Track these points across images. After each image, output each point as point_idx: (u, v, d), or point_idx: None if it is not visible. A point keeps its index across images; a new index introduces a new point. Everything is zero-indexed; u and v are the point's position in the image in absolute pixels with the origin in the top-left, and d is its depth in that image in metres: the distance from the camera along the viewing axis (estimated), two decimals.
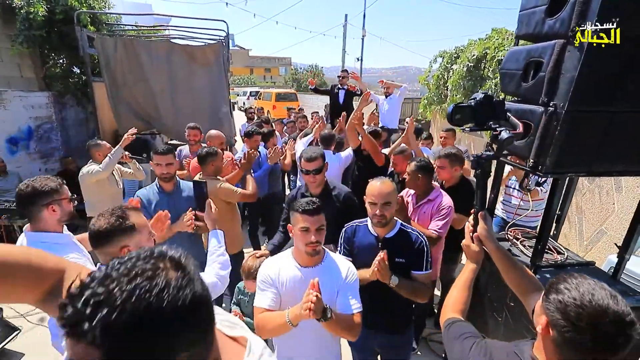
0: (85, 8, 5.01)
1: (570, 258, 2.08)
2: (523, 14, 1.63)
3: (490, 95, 1.42)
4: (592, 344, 0.78)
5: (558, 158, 1.48)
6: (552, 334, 0.85)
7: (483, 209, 1.44)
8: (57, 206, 1.61)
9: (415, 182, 2.37)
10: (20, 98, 4.96)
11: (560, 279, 0.89)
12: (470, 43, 6.35)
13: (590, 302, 0.79)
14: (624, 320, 0.77)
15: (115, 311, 0.42)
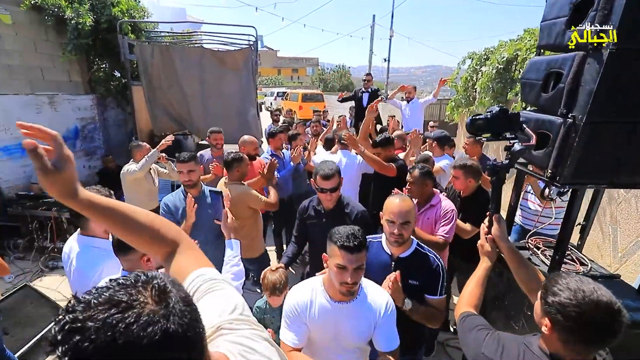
0: (127, 17, 5.38)
1: (594, 270, 2.03)
2: (545, 24, 1.64)
3: (505, 109, 1.47)
4: (593, 334, 0.91)
5: (576, 169, 1.48)
6: (556, 332, 0.96)
7: (498, 212, 1.54)
8: None
9: (422, 188, 2.35)
10: (69, 101, 5.42)
11: (552, 282, 1.01)
12: (500, 44, 6.17)
13: (584, 299, 0.91)
14: (614, 309, 0.90)
15: (85, 340, 0.45)
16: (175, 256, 0.87)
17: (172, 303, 0.52)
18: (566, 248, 1.74)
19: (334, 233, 1.39)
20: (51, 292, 3.57)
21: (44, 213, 4.11)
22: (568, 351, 0.96)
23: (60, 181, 0.73)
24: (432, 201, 2.38)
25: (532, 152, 1.70)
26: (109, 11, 5.11)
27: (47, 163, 0.71)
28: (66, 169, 0.74)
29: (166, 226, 0.91)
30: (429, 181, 2.36)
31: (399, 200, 1.69)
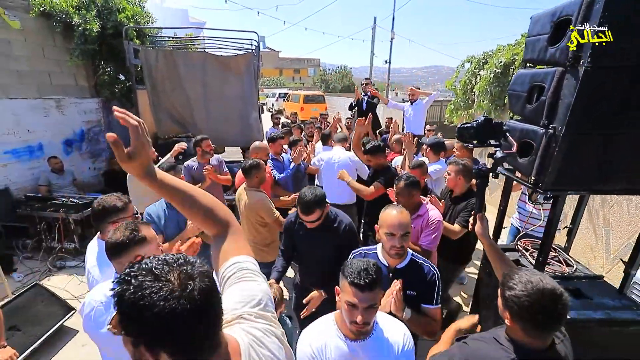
0: (132, 23, 5.51)
1: (579, 271, 2.13)
2: (529, 39, 1.74)
3: (490, 118, 1.64)
4: (543, 317, 1.04)
5: (557, 177, 1.58)
6: (516, 322, 1.09)
7: (480, 212, 1.80)
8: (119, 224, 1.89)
9: (408, 199, 2.32)
10: (75, 104, 5.56)
11: (506, 278, 1.15)
12: (498, 49, 6.27)
13: (532, 289, 1.05)
14: (557, 294, 1.04)
15: (125, 291, 0.62)
16: (222, 239, 0.97)
17: (189, 289, 0.64)
18: (549, 251, 1.84)
19: (347, 267, 1.32)
20: (59, 291, 3.69)
21: (52, 214, 4.23)
22: (528, 338, 1.08)
23: (136, 166, 0.86)
24: (420, 211, 2.35)
25: (518, 160, 1.81)
26: (115, 17, 5.24)
27: (123, 153, 0.83)
28: (140, 157, 0.85)
29: (219, 208, 1.00)
30: (414, 192, 2.33)
31: (397, 212, 1.67)
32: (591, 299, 1.82)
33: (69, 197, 4.51)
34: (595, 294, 1.85)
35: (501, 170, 2.11)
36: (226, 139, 5.83)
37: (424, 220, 2.31)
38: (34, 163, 5.03)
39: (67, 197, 4.52)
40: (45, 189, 4.86)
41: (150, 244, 1.47)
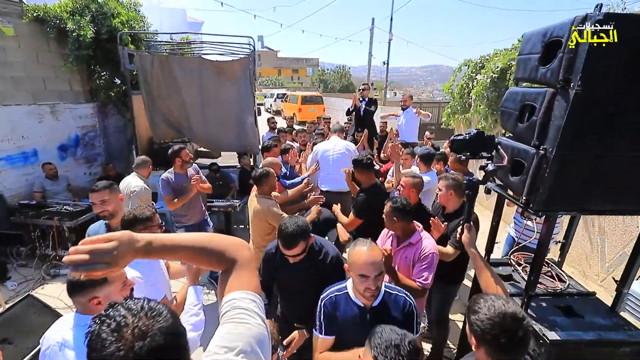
0: (127, 29, 5.48)
1: (571, 287, 2.12)
2: (521, 57, 1.73)
3: (482, 131, 1.70)
4: (505, 341, 1.04)
5: (548, 197, 1.57)
6: (481, 346, 1.10)
7: (469, 222, 1.83)
8: (149, 231, 1.89)
9: (392, 224, 2.19)
10: (70, 110, 5.53)
11: (472, 302, 1.18)
12: (495, 53, 6.25)
13: (494, 313, 1.07)
14: (518, 317, 1.06)
15: (94, 331, 0.67)
16: (228, 274, 0.94)
17: (138, 347, 0.64)
18: (540, 270, 1.83)
19: (375, 335, 1.17)
20: (53, 300, 3.67)
21: (46, 222, 4.21)
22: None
23: (125, 263, 0.79)
24: (412, 238, 2.16)
25: (510, 178, 1.80)
26: (110, 22, 5.21)
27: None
28: (120, 264, 0.78)
29: (225, 247, 0.96)
30: (396, 217, 2.14)
31: (367, 250, 1.51)
32: (583, 317, 1.81)
33: (63, 205, 4.49)
34: (587, 312, 1.84)
35: (493, 187, 2.10)
36: (222, 143, 5.82)
37: (417, 251, 2.11)
38: (29, 169, 5.01)
39: (62, 205, 4.50)
40: (39, 196, 4.84)
41: (111, 285, 1.34)
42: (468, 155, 1.77)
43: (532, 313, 1.85)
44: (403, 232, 2.20)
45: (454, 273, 2.59)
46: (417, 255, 2.11)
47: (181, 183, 3.55)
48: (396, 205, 2.15)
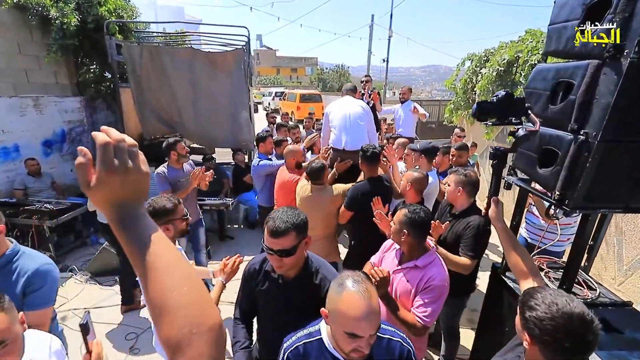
0: (115, 17, 5.19)
1: (603, 295, 1.87)
2: (553, 28, 1.47)
3: (511, 93, 1.49)
4: (570, 345, 0.93)
5: (588, 192, 1.31)
6: (536, 345, 0.99)
7: (496, 195, 1.65)
8: (171, 225, 1.83)
9: (399, 237, 1.72)
10: (55, 103, 5.24)
11: (527, 297, 1.05)
12: (501, 46, 6.01)
13: (558, 312, 0.94)
14: (587, 319, 0.93)
15: None
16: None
17: None
18: (575, 276, 1.57)
19: None
20: None
21: (25, 221, 3.94)
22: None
23: (97, 200, 0.56)
24: (420, 261, 1.69)
25: (538, 170, 1.54)
26: (96, 10, 4.92)
27: (84, 176, 0.54)
28: (101, 190, 0.54)
29: (182, 317, 0.50)
30: (407, 231, 1.69)
31: (362, 297, 1.04)
32: (622, 333, 1.55)
33: (44, 203, 4.21)
34: (627, 327, 1.58)
35: (515, 180, 1.84)
36: (216, 139, 5.56)
37: (422, 278, 1.64)
38: (10, 165, 4.72)
39: (42, 203, 4.22)
40: (20, 193, 4.57)
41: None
42: (495, 121, 1.56)
43: None
44: (410, 250, 1.74)
45: (464, 284, 2.27)
46: (422, 283, 1.63)
47: (178, 178, 3.24)
48: (413, 215, 1.68)
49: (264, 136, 3.90)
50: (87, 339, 1.19)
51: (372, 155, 2.68)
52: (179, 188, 3.17)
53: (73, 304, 3.49)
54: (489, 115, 1.56)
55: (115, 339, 3.04)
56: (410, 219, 1.67)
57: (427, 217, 1.70)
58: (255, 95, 24.50)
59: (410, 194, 2.43)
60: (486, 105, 1.54)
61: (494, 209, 1.62)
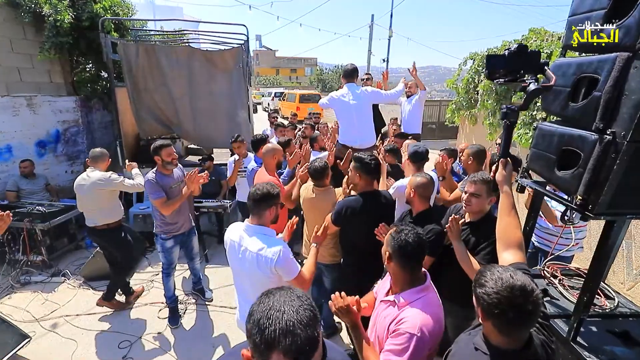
0: (110, 15, 5.08)
1: (622, 305, 1.76)
2: (574, 19, 1.36)
3: (525, 45, 1.34)
4: (513, 314, 0.98)
5: (614, 197, 1.21)
6: (487, 319, 1.05)
7: (505, 157, 1.52)
8: (274, 208, 1.88)
9: (386, 262, 1.46)
10: (49, 103, 5.12)
11: (479, 275, 1.10)
12: (504, 44, 5.91)
13: (502, 286, 1.00)
14: (527, 290, 0.98)
15: None
16: None
17: None
18: (597, 287, 1.46)
19: None
20: (19, 312, 3.29)
21: (16, 224, 3.81)
22: (500, 336, 1.04)
23: None
24: (402, 295, 1.39)
25: (556, 172, 1.43)
26: (91, 8, 4.80)
27: None
28: None
29: None
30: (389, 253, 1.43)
31: None
32: None
33: (36, 205, 4.09)
34: None
35: (529, 183, 1.74)
36: (214, 140, 5.44)
37: (395, 318, 1.36)
38: (2, 167, 4.61)
39: (35, 205, 4.10)
40: (13, 195, 4.45)
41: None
42: (506, 78, 1.39)
43: (581, 341, 1.49)
44: (395, 280, 1.45)
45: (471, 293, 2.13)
46: (393, 324, 1.35)
47: (169, 184, 2.99)
48: (398, 237, 1.40)
49: (263, 139, 3.71)
50: None
51: (374, 166, 2.35)
52: (171, 194, 2.97)
53: (65, 310, 3.37)
54: (498, 71, 1.40)
55: (108, 347, 2.92)
56: (396, 243, 1.39)
57: (416, 241, 1.39)
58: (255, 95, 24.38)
59: (416, 202, 2.24)
60: (496, 59, 1.37)
61: (501, 172, 1.50)
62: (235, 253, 1.84)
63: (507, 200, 1.44)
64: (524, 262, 1.30)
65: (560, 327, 1.58)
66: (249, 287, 1.85)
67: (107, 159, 3.22)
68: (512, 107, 1.43)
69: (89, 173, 3.08)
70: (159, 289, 3.62)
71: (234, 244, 1.84)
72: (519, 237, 1.36)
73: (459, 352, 1.18)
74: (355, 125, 3.74)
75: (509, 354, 1.04)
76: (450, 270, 1.96)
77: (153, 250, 4.51)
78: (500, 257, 1.37)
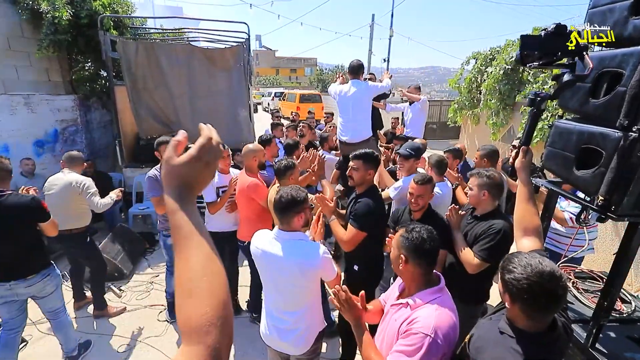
0: (109, 12, 5.02)
1: (639, 309, 1.70)
2: (595, 11, 1.30)
3: (564, 25, 1.21)
4: (544, 300, 1.02)
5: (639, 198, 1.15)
6: (515, 304, 1.06)
7: (527, 145, 1.46)
8: (304, 214, 1.78)
9: (397, 264, 1.38)
10: (47, 102, 5.04)
11: (506, 262, 1.11)
12: (508, 44, 5.86)
13: (532, 272, 1.02)
14: (556, 275, 1.01)
15: None
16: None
17: None
18: (618, 292, 1.40)
19: None
20: None
21: None
22: (527, 320, 1.07)
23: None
24: (413, 297, 1.33)
25: (574, 172, 1.37)
26: (90, 5, 4.74)
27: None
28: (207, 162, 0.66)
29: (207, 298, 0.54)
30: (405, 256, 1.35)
31: None
32: None
33: None
34: None
35: (543, 183, 1.68)
36: None
37: (406, 320, 1.28)
38: None
39: None
40: None
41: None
42: (541, 62, 1.29)
43: (600, 347, 1.43)
44: (410, 282, 1.38)
45: (477, 291, 2.09)
46: (405, 325, 1.28)
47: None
48: (411, 236, 1.34)
49: (269, 139, 3.59)
50: None
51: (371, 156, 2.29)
52: None
53: None
54: (533, 54, 1.27)
55: (107, 350, 2.86)
56: (411, 243, 1.33)
57: (430, 237, 1.34)
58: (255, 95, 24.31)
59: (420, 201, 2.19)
60: (532, 40, 1.25)
61: (520, 159, 1.46)
62: (268, 262, 1.73)
63: (525, 188, 1.42)
64: (542, 249, 1.30)
65: (577, 332, 1.52)
66: (287, 295, 1.74)
67: (82, 163, 3.18)
68: (541, 94, 1.35)
69: (66, 174, 3.00)
70: (159, 291, 3.56)
71: (266, 253, 1.73)
72: (537, 224, 1.35)
73: (483, 336, 1.17)
74: (350, 119, 3.81)
75: (535, 336, 1.06)
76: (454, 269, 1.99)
77: (153, 252, 4.45)
78: (518, 243, 1.36)
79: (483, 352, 1.12)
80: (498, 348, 1.08)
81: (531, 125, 1.43)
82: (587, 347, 1.42)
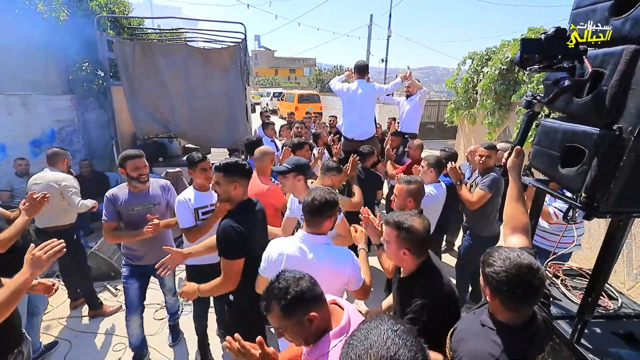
0: (106, 12, 5.03)
1: (625, 305, 1.72)
2: (579, 12, 1.33)
3: (564, 29, 1.24)
4: (521, 291, 1.05)
5: (621, 194, 1.17)
6: (495, 297, 1.11)
7: (520, 145, 1.49)
8: (334, 217, 1.74)
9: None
10: (44, 102, 5.06)
11: (487, 256, 1.15)
12: (503, 44, 5.89)
13: (510, 264, 1.06)
14: (533, 267, 1.05)
15: None
16: None
17: None
18: (602, 288, 1.43)
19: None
20: None
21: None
22: (507, 312, 1.11)
23: None
24: (312, 350, 1.08)
25: (559, 170, 1.40)
26: (86, 5, 4.76)
27: None
28: None
29: None
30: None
31: None
32: None
33: None
34: None
35: (531, 181, 1.70)
36: (211, 139, 5.39)
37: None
38: None
39: None
40: (6, 195, 4.38)
41: None
42: (541, 65, 1.30)
43: (585, 343, 1.45)
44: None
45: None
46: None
47: (132, 206, 2.38)
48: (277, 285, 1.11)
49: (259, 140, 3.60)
50: None
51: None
52: (129, 219, 2.35)
53: (58, 311, 3.32)
54: (533, 58, 1.27)
55: (102, 349, 2.87)
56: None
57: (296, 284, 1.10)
58: (253, 95, 24.30)
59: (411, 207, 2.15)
60: (532, 43, 1.26)
61: (512, 160, 1.50)
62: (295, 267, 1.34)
63: (515, 187, 1.46)
64: (529, 246, 1.33)
65: (563, 328, 1.54)
66: None
67: (64, 160, 3.18)
68: (539, 98, 1.37)
69: (48, 172, 3.02)
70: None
71: (292, 257, 1.57)
72: (526, 222, 1.38)
73: (465, 329, 1.21)
74: (358, 117, 4.04)
75: (514, 328, 1.10)
76: None
77: None
78: (507, 240, 1.40)
79: (464, 344, 1.15)
80: (478, 339, 1.12)
81: (526, 126, 1.47)
82: (573, 342, 1.45)
